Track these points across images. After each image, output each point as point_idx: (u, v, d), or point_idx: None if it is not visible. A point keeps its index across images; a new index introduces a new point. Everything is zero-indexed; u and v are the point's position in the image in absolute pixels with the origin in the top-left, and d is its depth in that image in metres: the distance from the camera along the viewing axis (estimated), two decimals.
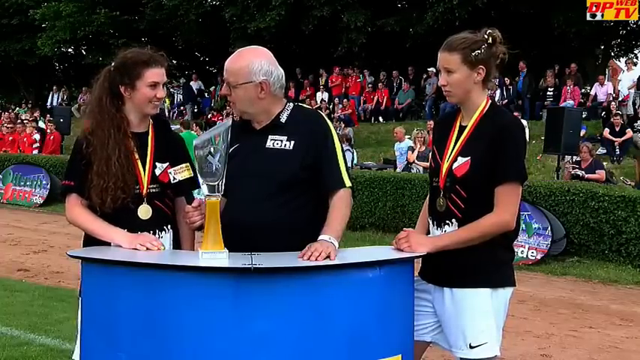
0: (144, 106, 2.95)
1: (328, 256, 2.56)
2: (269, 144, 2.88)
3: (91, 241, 2.93)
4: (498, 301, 2.81)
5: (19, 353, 4.85)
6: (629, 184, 11.69)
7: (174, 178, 2.98)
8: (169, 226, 3.02)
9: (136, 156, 2.94)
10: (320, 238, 2.67)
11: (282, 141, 2.87)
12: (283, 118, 2.92)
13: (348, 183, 2.87)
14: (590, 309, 7.08)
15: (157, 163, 2.98)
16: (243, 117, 2.96)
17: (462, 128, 2.87)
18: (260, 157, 2.87)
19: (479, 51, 2.77)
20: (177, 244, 3.06)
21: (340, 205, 2.82)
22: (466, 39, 2.80)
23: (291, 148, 2.85)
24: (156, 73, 2.93)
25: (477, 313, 2.78)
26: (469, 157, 2.78)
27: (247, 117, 2.95)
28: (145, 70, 2.90)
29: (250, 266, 2.37)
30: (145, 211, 2.93)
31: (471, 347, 2.78)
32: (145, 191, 2.93)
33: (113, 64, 2.97)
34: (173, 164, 3.00)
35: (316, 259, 2.53)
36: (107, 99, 2.94)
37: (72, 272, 7.42)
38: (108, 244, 2.83)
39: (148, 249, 2.73)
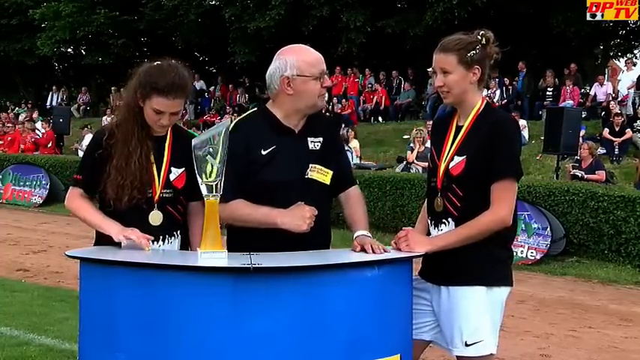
0: (150, 123, 2.91)
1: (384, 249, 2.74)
2: (311, 146, 2.93)
3: (101, 239, 2.91)
4: (494, 300, 2.82)
5: (18, 353, 4.85)
6: None
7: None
8: (179, 232, 3.00)
9: (152, 159, 2.92)
10: (360, 233, 2.84)
11: (319, 143, 2.95)
12: (313, 120, 2.97)
13: (355, 180, 3.12)
14: (590, 309, 7.09)
15: (172, 168, 2.95)
16: (310, 112, 2.93)
17: (458, 128, 2.89)
18: (307, 160, 2.90)
19: (474, 52, 2.79)
20: (186, 249, 3.03)
21: (362, 203, 3.05)
22: (461, 40, 2.82)
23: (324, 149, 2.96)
24: (162, 103, 2.82)
25: (472, 310, 2.79)
26: (464, 156, 2.80)
27: (313, 111, 2.94)
28: (153, 95, 2.82)
29: (249, 266, 2.37)
30: (155, 217, 2.91)
31: (467, 345, 2.79)
32: (157, 196, 2.91)
33: (139, 71, 2.90)
34: (190, 169, 2.92)
35: (379, 251, 2.70)
36: (134, 100, 2.91)
37: (71, 272, 7.40)
38: (119, 243, 2.81)
39: (134, 242, 2.71)
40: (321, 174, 2.88)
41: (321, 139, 2.95)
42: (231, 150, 2.79)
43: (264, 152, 2.85)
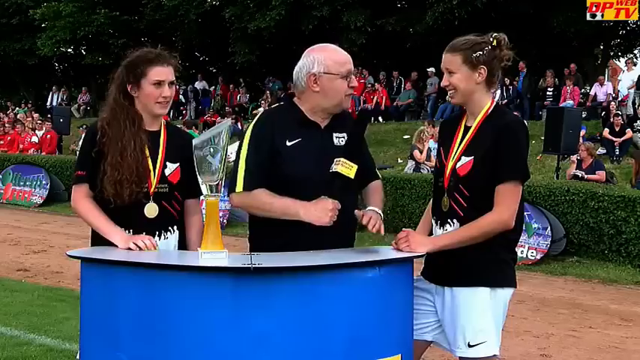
0: (151, 105, 2.93)
1: (379, 231, 2.79)
2: (336, 142, 2.92)
3: (98, 238, 2.91)
4: (497, 301, 2.82)
5: (18, 353, 4.85)
6: None
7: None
8: (175, 227, 3.01)
9: (147, 153, 2.93)
10: (371, 207, 2.88)
11: (344, 139, 2.95)
12: (338, 116, 2.97)
13: (379, 176, 3.15)
14: (590, 309, 7.08)
15: (167, 163, 2.97)
16: (336, 111, 2.94)
17: (466, 129, 2.90)
18: (332, 155, 2.88)
19: (480, 52, 2.79)
20: (184, 248, 3.04)
21: (381, 192, 3.08)
22: (468, 40, 2.83)
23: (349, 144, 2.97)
24: (160, 72, 2.91)
25: (476, 312, 2.79)
26: (472, 157, 2.80)
27: (338, 110, 2.95)
28: (148, 68, 2.89)
29: (250, 266, 2.37)
30: (151, 210, 2.91)
31: (470, 346, 2.80)
32: (152, 190, 2.92)
33: (123, 63, 2.97)
34: (185, 165, 2.95)
35: (373, 229, 2.78)
36: (120, 96, 2.95)
37: (72, 272, 7.41)
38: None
39: (140, 248, 2.73)
40: (345, 167, 2.84)
41: (345, 135, 2.94)
42: (257, 139, 2.84)
43: (288, 143, 2.84)
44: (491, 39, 2.83)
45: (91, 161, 2.91)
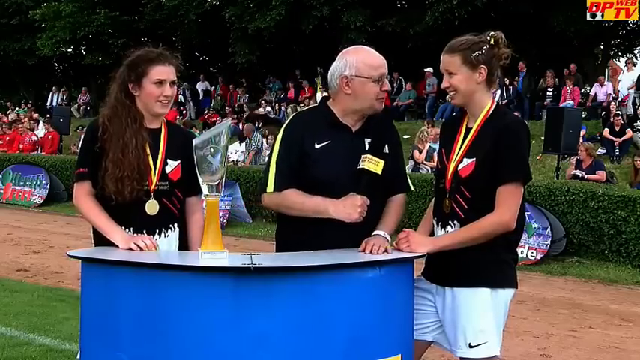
0: (152, 104, 2.94)
1: (386, 250, 2.72)
2: (367, 148, 2.92)
3: (100, 237, 2.91)
4: (498, 302, 2.82)
5: (18, 353, 4.85)
6: None
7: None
8: (176, 225, 3.02)
9: (148, 151, 2.93)
10: (375, 233, 2.82)
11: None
12: (371, 121, 2.97)
13: (411, 187, 3.11)
14: (590, 309, 7.09)
15: (168, 161, 2.98)
16: (368, 113, 2.94)
17: (468, 130, 2.89)
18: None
19: (479, 52, 2.79)
20: (185, 245, 3.05)
21: (400, 210, 3.02)
22: (466, 41, 2.82)
23: (386, 151, 2.97)
24: (162, 71, 2.92)
25: (477, 312, 2.79)
26: (474, 159, 2.80)
27: (371, 113, 2.95)
28: (150, 67, 2.91)
29: (250, 266, 2.37)
30: (152, 207, 2.92)
31: (471, 346, 2.79)
32: (153, 187, 2.93)
33: (124, 62, 2.98)
34: (186, 163, 2.95)
35: (377, 252, 2.69)
36: (122, 95, 2.96)
37: (71, 272, 7.41)
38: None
39: (141, 248, 2.74)
40: (372, 163, 2.84)
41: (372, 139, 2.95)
42: (288, 141, 2.87)
43: (317, 146, 2.86)
44: (488, 38, 2.82)
45: (92, 158, 2.92)
